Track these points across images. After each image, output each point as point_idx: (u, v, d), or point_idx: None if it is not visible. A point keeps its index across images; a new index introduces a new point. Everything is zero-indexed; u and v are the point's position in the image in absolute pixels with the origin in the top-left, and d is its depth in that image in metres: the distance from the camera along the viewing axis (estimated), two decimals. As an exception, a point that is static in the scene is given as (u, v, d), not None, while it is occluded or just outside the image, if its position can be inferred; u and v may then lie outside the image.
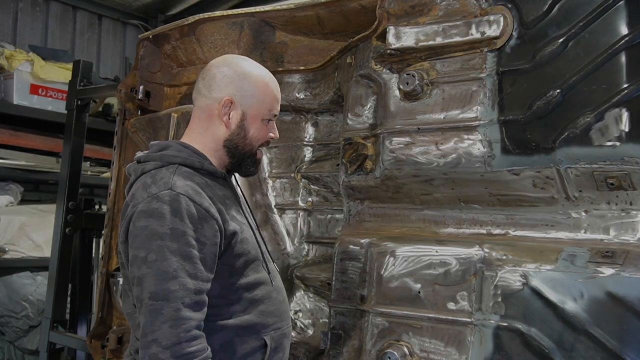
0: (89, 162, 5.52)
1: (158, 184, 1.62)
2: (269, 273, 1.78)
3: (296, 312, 2.54)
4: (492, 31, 1.84)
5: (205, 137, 1.78)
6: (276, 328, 1.75)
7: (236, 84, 1.75)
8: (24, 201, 5.39)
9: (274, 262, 1.90)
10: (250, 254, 1.72)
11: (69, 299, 3.94)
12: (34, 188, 5.79)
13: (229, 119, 1.75)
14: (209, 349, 1.56)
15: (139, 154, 1.79)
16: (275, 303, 1.77)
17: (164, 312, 1.49)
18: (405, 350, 1.92)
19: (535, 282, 1.74)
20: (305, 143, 2.67)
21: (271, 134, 1.83)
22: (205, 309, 1.58)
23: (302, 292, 2.57)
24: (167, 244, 1.53)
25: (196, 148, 1.75)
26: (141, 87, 2.93)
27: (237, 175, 1.92)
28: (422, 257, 1.95)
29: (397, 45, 1.98)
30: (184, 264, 1.53)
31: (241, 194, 1.93)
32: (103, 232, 3.30)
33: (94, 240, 4.18)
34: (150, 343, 1.48)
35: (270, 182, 2.68)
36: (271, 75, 1.84)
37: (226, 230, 1.65)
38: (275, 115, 1.83)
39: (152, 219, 1.55)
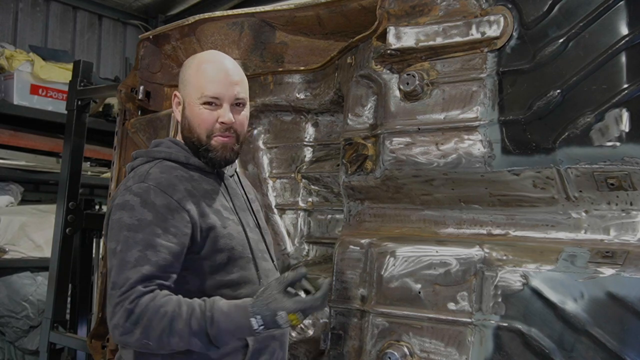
0: (89, 162, 5.52)
1: (134, 177, 1.66)
2: (257, 271, 1.75)
3: (296, 312, 2.54)
4: (492, 31, 1.83)
5: (178, 135, 1.82)
6: None
7: (179, 77, 1.77)
8: (24, 201, 5.39)
9: (273, 261, 1.89)
10: (234, 250, 1.69)
11: (69, 299, 3.94)
12: (34, 188, 5.79)
13: (178, 112, 1.78)
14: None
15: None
16: None
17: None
18: (405, 350, 1.92)
19: (535, 282, 1.74)
20: (305, 143, 2.67)
21: (220, 119, 1.70)
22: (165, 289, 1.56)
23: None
24: (132, 234, 1.55)
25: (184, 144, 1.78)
26: (141, 87, 2.94)
27: (240, 173, 1.92)
28: (422, 257, 1.95)
29: (397, 45, 1.98)
30: (147, 252, 1.53)
31: (242, 192, 1.93)
32: (103, 232, 3.30)
33: (94, 240, 4.18)
34: (113, 329, 1.54)
35: (270, 182, 2.68)
36: (217, 58, 1.76)
37: (201, 224, 1.64)
38: (210, 102, 1.69)
39: (124, 211, 1.59)
